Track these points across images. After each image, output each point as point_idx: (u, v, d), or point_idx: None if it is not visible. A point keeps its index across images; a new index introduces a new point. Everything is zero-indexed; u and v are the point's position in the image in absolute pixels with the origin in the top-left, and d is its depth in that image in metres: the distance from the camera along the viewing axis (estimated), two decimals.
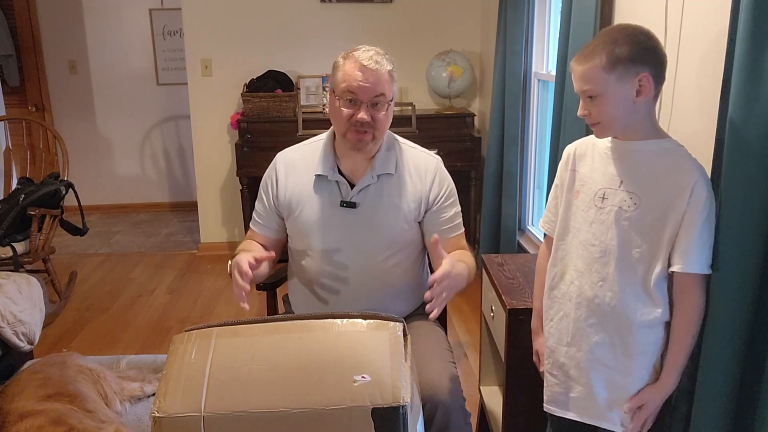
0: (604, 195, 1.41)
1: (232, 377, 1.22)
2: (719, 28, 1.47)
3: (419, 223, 1.81)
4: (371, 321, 1.35)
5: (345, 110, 1.67)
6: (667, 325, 1.40)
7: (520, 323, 1.81)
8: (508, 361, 1.85)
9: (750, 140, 1.22)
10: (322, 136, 1.84)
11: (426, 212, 1.80)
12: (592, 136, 1.47)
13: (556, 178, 1.57)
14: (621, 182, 1.39)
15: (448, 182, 1.84)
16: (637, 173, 1.37)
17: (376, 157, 1.77)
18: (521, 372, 1.83)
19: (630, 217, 1.36)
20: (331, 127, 1.79)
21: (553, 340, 1.54)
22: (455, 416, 1.60)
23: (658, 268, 1.36)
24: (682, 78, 1.65)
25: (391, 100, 1.71)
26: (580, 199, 1.46)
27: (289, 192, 1.81)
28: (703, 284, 1.34)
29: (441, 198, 1.80)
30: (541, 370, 1.62)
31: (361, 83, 1.65)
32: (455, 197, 1.84)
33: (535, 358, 1.68)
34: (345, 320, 1.35)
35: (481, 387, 2.35)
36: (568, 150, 1.54)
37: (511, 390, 1.88)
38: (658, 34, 1.75)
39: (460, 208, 1.86)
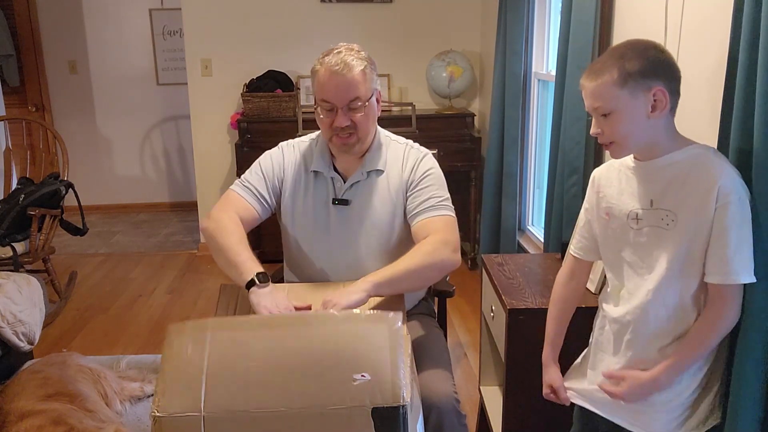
0: (637, 216, 1.37)
1: (231, 375, 1.22)
2: (720, 28, 1.47)
3: (405, 214, 1.80)
4: (370, 313, 1.34)
5: (325, 118, 1.70)
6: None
7: (520, 323, 1.81)
8: (508, 361, 1.85)
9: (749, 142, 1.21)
10: (319, 134, 1.85)
11: (407, 196, 1.79)
12: (615, 160, 1.44)
13: (585, 201, 1.54)
14: (651, 201, 1.35)
15: (429, 167, 1.79)
16: (665, 190, 1.33)
17: (366, 154, 1.79)
18: (521, 372, 1.83)
19: (670, 236, 1.32)
20: None
21: (599, 350, 1.52)
22: (449, 418, 1.59)
23: (695, 282, 1.32)
24: (681, 78, 1.64)
25: (369, 98, 1.70)
26: (613, 221, 1.43)
27: (289, 184, 1.83)
28: (737, 294, 1.27)
29: (417, 181, 1.77)
30: (566, 404, 1.56)
31: (333, 90, 1.65)
32: (435, 183, 1.78)
33: (546, 391, 1.60)
34: (343, 312, 1.34)
35: (481, 387, 2.35)
36: (594, 174, 1.51)
37: (511, 390, 1.88)
38: (658, 34, 1.75)
39: (443, 194, 1.77)
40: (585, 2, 2.17)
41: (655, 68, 1.27)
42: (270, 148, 1.90)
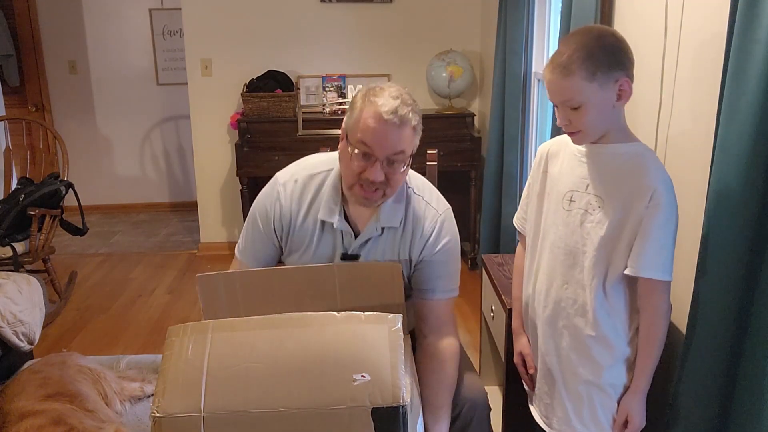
0: (571, 197, 1.42)
1: (231, 375, 1.22)
2: (719, 28, 1.47)
3: (409, 279, 1.65)
4: (369, 314, 1.35)
5: (356, 163, 1.46)
6: (629, 328, 1.41)
7: None
8: (508, 361, 1.85)
9: (736, 141, 1.22)
10: (330, 168, 1.62)
11: (415, 267, 1.62)
12: (566, 135, 1.46)
13: (529, 176, 1.58)
14: (587, 185, 1.40)
15: (449, 239, 1.62)
16: (603, 176, 1.38)
17: (382, 206, 1.57)
18: None
19: (593, 219, 1.37)
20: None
21: (531, 343, 1.57)
22: (480, 410, 1.62)
23: (614, 272, 1.37)
24: (681, 78, 1.65)
25: (411, 154, 1.50)
26: (550, 200, 1.47)
27: (293, 230, 1.64)
28: (665, 291, 1.34)
29: (436, 254, 1.61)
30: (531, 371, 1.61)
31: (380, 139, 1.43)
32: (454, 257, 1.64)
33: (517, 359, 1.66)
34: (343, 313, 1.35)
35: None
36: (542, 149, 1.54)
37: (511, 390, 1.88)
38: (658, 34, 1.75)
39: (458, 268, 1.66)
40: (585, 2, 2.17)
41: (618, 59, 1.31)
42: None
